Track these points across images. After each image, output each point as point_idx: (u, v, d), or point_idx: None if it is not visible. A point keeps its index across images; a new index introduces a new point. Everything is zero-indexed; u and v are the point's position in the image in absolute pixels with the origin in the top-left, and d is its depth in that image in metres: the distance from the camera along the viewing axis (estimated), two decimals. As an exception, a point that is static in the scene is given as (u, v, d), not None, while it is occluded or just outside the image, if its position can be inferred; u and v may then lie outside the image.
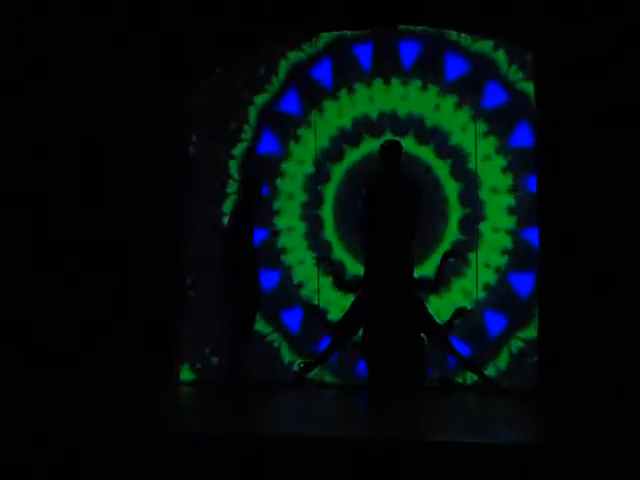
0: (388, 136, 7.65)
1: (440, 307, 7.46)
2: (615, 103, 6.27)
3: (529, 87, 7.11)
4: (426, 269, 7.61)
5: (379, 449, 3.73)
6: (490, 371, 7.37)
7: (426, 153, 7.80)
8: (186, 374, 7.80)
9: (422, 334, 7.08)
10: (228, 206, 7.90)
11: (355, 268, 7.71)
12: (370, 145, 7.87)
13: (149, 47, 7.43)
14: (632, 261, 6.19)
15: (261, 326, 7.80)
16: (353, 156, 7.99)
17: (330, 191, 8.00)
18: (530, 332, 7.20)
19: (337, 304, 7.70)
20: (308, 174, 7.99)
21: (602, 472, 3.62)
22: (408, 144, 7.67)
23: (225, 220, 7.78)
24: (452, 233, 7.73)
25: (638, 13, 6.34)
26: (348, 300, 7.43)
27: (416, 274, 7.24)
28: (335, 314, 7.65)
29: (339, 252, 7.91)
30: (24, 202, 7.30)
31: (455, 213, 7.72)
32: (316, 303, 7.78)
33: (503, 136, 7.50)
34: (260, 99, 8.02)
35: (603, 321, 6.15)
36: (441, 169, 7.74)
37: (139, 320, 7.33)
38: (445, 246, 7.60)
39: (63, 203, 7.37)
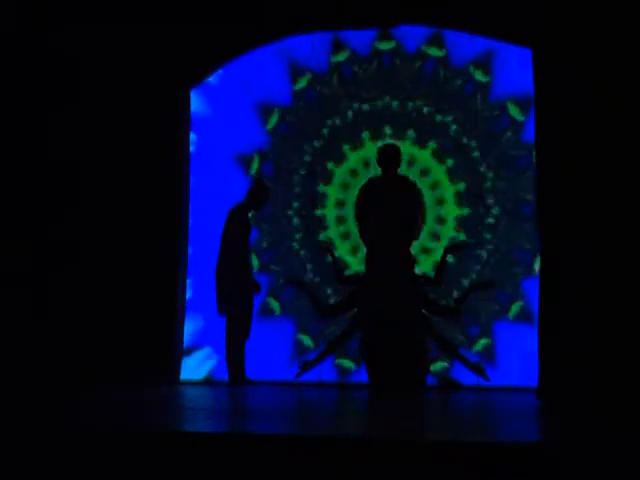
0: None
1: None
2: (615, 103, 6.26)
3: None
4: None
5: (379, 449, 3.73)
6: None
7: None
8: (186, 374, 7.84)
9: (424, 332, 7.11)
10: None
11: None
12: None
13: (145, 50, 7.46)
14: (633, 260, 6.18)
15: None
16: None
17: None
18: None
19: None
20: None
21: (602, 472, 3.62)
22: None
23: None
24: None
25: (638, 12, 6.34)
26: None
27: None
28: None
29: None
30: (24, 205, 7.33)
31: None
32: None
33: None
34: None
35: (604, 320, 6.15)
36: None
37: (139, 319, 7.34)
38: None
39: (63, 203, 7.38)
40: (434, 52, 7.97)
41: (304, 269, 7.99)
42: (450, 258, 7.63)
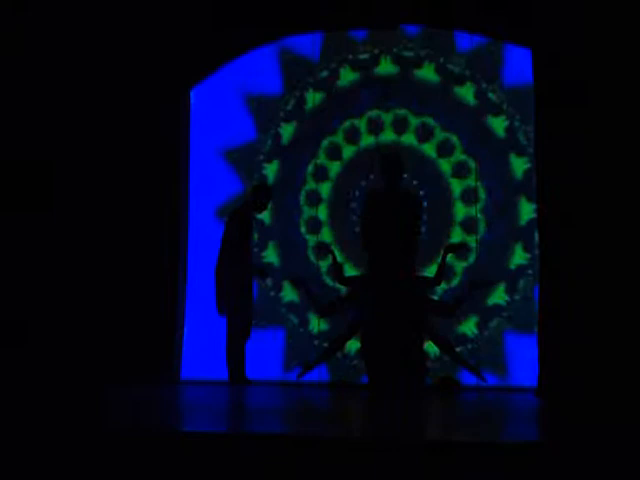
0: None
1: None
2: (616, 103, 6.26)
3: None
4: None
5: (379, 449, 3.73)
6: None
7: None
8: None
9: (423, 332, 7.12)
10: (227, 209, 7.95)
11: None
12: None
13: (142, 51, 7.46)
14: (633, 260, 6.18)
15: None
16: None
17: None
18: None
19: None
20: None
21: (602, 472, 3.62)
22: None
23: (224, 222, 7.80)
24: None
25: (638, 12, 6.33)
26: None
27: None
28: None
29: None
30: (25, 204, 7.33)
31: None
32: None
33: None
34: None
35: (604, 319, 6.14)
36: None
37: (139, 319, 7.34)
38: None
39: (63, 201, 7.38)
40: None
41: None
42: (450, 258, 7.63)
